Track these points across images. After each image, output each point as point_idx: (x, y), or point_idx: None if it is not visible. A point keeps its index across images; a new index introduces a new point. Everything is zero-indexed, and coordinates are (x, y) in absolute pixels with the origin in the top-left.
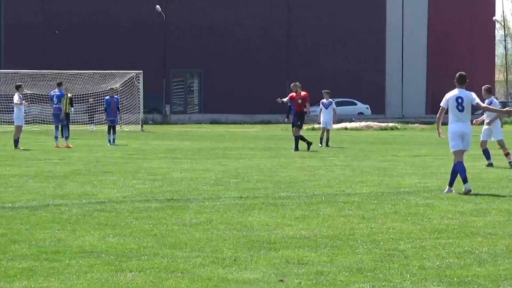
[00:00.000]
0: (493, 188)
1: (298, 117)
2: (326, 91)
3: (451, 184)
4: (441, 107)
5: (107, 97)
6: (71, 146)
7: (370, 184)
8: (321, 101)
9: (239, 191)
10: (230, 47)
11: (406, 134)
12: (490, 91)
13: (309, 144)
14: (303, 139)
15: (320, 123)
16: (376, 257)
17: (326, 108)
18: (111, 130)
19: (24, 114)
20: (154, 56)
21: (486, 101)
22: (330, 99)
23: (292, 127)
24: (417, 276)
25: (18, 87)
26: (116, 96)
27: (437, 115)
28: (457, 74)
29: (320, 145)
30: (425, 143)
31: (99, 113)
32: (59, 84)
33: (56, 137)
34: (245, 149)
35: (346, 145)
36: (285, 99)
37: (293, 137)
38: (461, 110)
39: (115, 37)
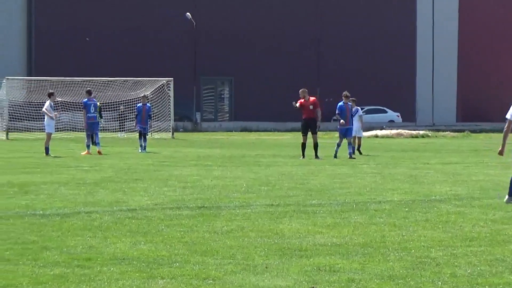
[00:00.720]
0: None
1: (312, 124)
2: (352, 98)
3: (510, 194)
4: (508, 120)
5: (139, 105)
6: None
7: (401, 191)
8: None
9: (270, 199)
10: (260, 54)
11: (437, 141)
12: None
13: (303, 156)
14: (304, 148)
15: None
16: (407, 264)
17: (353, 116)
18: (142, 137)
19: (55, 122)
20: (185, 63)
21: None
22: (357, 107)
23: (302, 134)
24: (449, 284)
25: (50, 95)
26: (148, 104)
27: (504, 129)
28: None
29: (353, 157)
30: (456, 150)
31: (130, 121)
32: (90, 92)
33: (88, 146)
34: (276, 156)
35: (377, 153)
36: (297, 104)
37: (313, 145)
38: None
39: (146, 45)
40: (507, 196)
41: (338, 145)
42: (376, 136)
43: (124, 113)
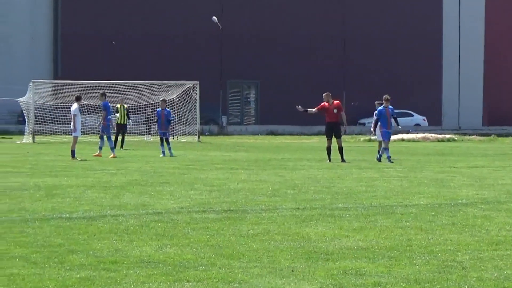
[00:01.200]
0: None
1: (336, 128)
2: (379, 102)
3: None
4: None
5: (158, 109)
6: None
7: (427, 195)
8: (375, 112)
9: (296, 202)
10: (286, 58)
11: (463, 145)
12: None
13: (329, 159)
14: (329, 151)
15: (375, 135)
16: (433, 268)
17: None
18: (164, 142)
19: (81, 125)
20: (211, 67)
21: None
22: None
23: (327, 138)
24: None
25: (78, 99)
26: (167, 109)
27: None
28: None
29: (379, 160)
30: (482, 154)
31: (155, 124)
32: (104, 95)
33: (100, 147)
34: (302, 160)
35: (403, 157)
36: (313, 110)
37: (338, 149)
38: None
39: (172, 48)
40: None
41: (386, 149)
42: (402, 140)
43: (151, 117)
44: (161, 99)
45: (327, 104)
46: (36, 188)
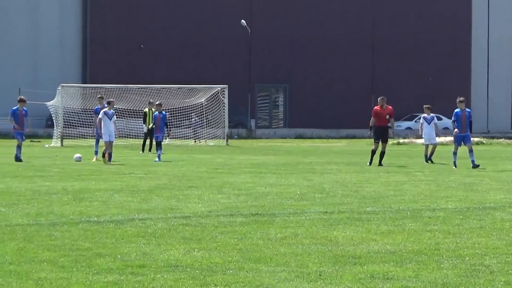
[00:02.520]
0: None
1: (385, 133)
2: (427, 106)
3: None
4: None
5: (155, 113)
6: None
7: (455, 199)
8: (422, 116)
9: (324, 206)
10: (314, 62)
11: (492, 149)
12: None
13: (370, 163)
14: (373, 154)
15: (422, 138)
16: (461, 272)
17: (429, 124)
18: (157, 146)
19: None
20: (239, 70)
21: None
22: (432, 114)
23: (374, 141)
24: None
25: (108, 103)
26: (164, 112)
27: None
28: None
29: (426, 162)
30: (511, 158)
31: (185, 127)
32: (103, 98)
33: (96, 152)
34: (330, 163)
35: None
36: (371, 120)
37: (380, 152)
38: None
39: (200, 52)
40: None
41: (455, 153)
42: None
43: (171, 120)
44: (157, 103)
45: (379, 108)
46: (64, 192)
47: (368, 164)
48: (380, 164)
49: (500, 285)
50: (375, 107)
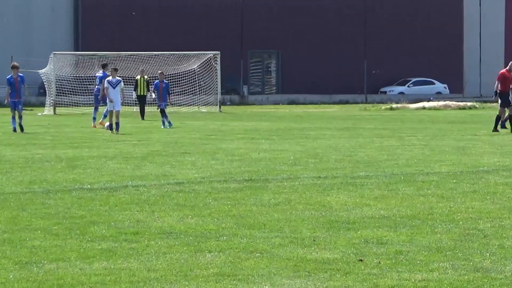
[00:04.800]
0: None
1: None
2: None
3: None
4: None
5: (156, 81)
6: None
7: (448, 163)
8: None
9: (318, 171)
10: (307, 27)
11: (485, 113)
12: None
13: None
14: (499, 120)
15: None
16: (455, 236)
17: None
18: (162, 113)
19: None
20: (232, 37)
21: None
22: None
23: (506, 106)
24: (497, 255)
25: (111, 71)
26: (165, 81)
27: None
28: None
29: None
30: None
31: (178, 95)
32: (104, 66)
33: (94, 118)
34: (323, 129)
35: (424, 125)
36: (496, 85)
37: (507, 116)
38: None
39: (192, 18)
40: None
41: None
42: (424, 108)
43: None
44: (159, 71)
45: (507, 73)
46: (57, 160)
47: (497, 129)
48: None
49: (494, 248)
50: (502, 71)
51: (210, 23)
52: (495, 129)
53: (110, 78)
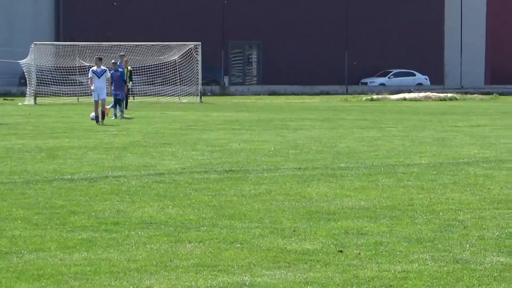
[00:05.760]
0: None
1: None
2: None
3: None
4: None
5: (112, 71)
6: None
7: (429, 154)
8: None
9: (298, 162)
10: (288, 18)
11: (465, 104)
12: None
13: None
14: None
15: None
16: (435, 227)
17: None
18: (120, 104)
19: (98, 88)
20: (213, 27)
21: None
22: None
23: None
24: (477, 246)
25: (97, 59)
26: (121, 69)
27: None
28: None
29: None
30: (484, 113)
31: (157, 85)
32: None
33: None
34: (304, 120)
35: (405, 116)
36: None
37: None
38: None
39: (174, 9)
40: None
41: None
42: (404, 99)
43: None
44: (112, 61)
45: None
46: (37, 150)
47: None
48: None
49: (473, 240)
50: None
51: (191, 13)
52: None
53: (95, 68)
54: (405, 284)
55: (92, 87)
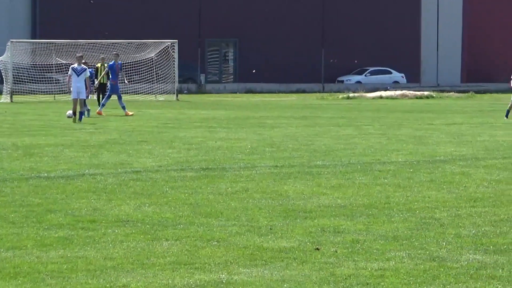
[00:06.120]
0: None
1: None
2: None
3: None
4: None
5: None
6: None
7: (405, 152)
8: None
9: (275, 160)
10: (265, 16)
11: (442, 102)
12: None
13: None
14: None
15: None
16: (411, 225)
17: None
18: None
19: (77, 86)
20: (189, 25)
21: None
22: None
23: None
24: (453, 244)
25: (79, 57)
26: (84, 66)
27: None
28: None
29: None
30: (460, 111)
31: (135, 83)
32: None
33: (123, 107)
34: (281, 118)
35: (382, 114)
36: None
37: None
38: None
39: (150, 7)
40: None
41: None
42: (381, 97)
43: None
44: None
45: None
46: (14, 148)
47: None
48: None
49: (450, 238)
50: None
51: (168, 11)
52: None
53: (75, 65)
54: (382, 282)
55: (69, 85)
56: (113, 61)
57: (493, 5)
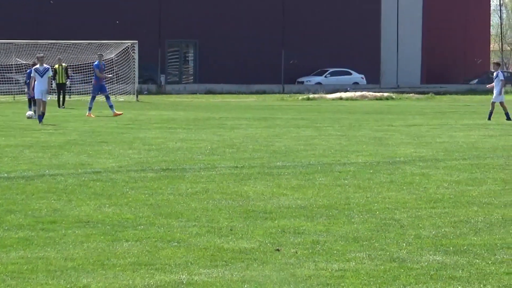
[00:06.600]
0: (488, 157)
1: None
2: (495, 62)
3: None
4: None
5: (29, 70)
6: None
7: (365, 153)
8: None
9: (235, 161)
10: (225, 17)
11: (401, 103)
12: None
13: None
14: None
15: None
16: (372, 226)
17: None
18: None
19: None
20: (150, 26)
21: None
22: (500, 71)
23: None
24: (413, 245)
25: (40, 58)
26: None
27: None
28: None
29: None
30: (420, 112)
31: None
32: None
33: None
34: (241, 119)
35: (341, 115)
36: None
37: None
38: None
39: (110, 7)
40: None
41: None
42: (341, 98)
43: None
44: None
45: None
46: None
47: None
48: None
49: (410, 238)
50: None
51: (128, 12)
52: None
53: (38, 66)
54: (342, 282)
55: (32, 86)
56: (97, 61)
57: (452, 7)
